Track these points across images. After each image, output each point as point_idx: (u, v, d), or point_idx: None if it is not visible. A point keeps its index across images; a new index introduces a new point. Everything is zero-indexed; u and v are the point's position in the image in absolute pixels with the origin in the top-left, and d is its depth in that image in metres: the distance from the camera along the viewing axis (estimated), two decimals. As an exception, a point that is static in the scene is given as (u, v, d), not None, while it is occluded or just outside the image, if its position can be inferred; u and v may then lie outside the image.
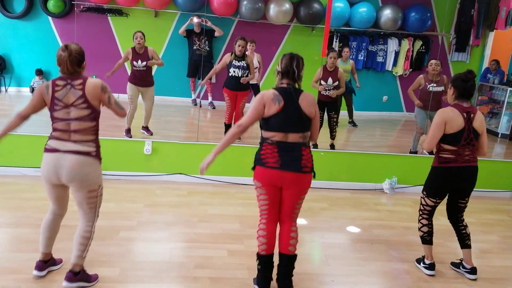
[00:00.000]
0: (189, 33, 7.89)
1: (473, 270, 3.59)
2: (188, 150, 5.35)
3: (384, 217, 4.77)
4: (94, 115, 2.89)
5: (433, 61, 5.81)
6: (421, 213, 3.63)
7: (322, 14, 7.85)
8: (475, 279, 3.58)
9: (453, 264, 3.76)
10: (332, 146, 6.15)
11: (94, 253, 3.45)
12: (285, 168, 2.92)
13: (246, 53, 6.12)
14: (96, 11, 7.78)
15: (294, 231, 3.10)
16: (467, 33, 8.87)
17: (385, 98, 8.98)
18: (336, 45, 8.44)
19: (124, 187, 4.84)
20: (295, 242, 3.09)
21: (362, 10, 8.19)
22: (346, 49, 7.32)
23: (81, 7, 7.60)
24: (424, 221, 3.61)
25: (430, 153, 6.05)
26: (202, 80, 8.07)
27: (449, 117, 3.32)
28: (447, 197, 3.62)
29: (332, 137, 6.24)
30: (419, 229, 3.64)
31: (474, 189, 3.59)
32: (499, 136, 8.08)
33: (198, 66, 7.86)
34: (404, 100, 9.10)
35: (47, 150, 2.89)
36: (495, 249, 4.19)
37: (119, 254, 3.48)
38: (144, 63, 5.66)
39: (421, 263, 3.67)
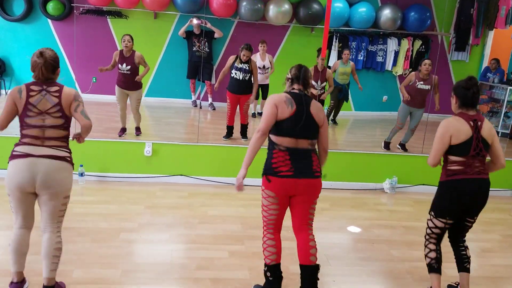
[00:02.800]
0: (189, 34, 7.89)
1: None
2: (188, 152, 5.35)
3: (385, 216, 4.76)
4: (67, 125, 2.85)
5: (427, 61, 5.89)
6: (428, 237, 3.25)
7: (321, 14, 7.84)
8: None
9: (449, 287, 3.45)
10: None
11: (95, 255, 3.46)
12: (299, 175, 2.89)
13: (253, 58, 6.09)
14: (96, 14, 7.78)
15: (313, 239, 3.00)
16: (466, 32, 8.87)
17: (385, 98, 8.97)
18: (335, 45, 8.44)
19: (124, 189, 4.85)
20: (315, 251, 2.98)
21: (362, 10, 8.18)
22: (346, 51, 7.34)
23: (81, 9, 7.61)
24: (432, 246, 3.22)
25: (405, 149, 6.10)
26: (202, 80, 8.09)
27: (454, 127, 3.03)
28: None
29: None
30: (426, 255, 3.23)
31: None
32: (499, 135, 8.06)
33: (198, 68, 7.86)
34: (404, 100, 9.09)
35: (18, 156, 2.76)
36: (496, 248, 4.19)
37: (120, 256, 3.48)
38: (129, 67, 5.56)
39: None
